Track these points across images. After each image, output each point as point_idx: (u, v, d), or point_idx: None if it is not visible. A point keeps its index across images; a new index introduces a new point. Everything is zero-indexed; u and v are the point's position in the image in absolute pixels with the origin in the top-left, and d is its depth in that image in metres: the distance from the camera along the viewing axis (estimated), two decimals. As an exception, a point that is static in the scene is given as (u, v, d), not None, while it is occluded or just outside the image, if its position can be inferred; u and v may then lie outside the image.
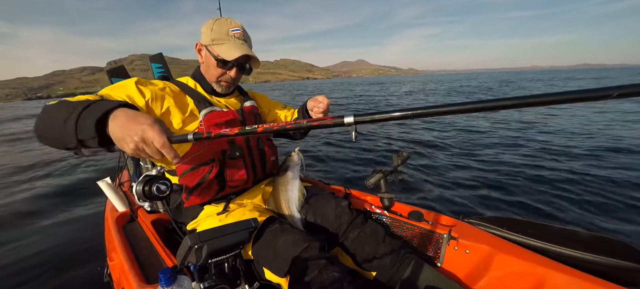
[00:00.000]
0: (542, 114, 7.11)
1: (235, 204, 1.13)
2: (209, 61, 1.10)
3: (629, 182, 2.98)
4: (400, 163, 1.23)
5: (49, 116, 0.73)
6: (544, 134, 5.13)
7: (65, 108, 0.71)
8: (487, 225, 1.19)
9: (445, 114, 0.48)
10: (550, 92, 0.42)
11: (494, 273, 1.03)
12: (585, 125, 5.77)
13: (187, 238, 0.69)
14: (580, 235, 1.00)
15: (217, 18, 1.11)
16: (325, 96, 1.21)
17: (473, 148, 4.44)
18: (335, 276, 0.84)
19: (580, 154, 3.97)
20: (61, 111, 0.71)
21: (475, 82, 24.93)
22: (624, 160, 3.65)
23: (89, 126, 0.67)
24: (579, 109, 7.37)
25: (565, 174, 3.25)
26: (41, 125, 0.74)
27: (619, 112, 7.03)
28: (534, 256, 0.99)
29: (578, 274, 0.88)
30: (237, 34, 1.06)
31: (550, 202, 2.68)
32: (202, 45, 1.10)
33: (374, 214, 1.38)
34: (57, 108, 0.73)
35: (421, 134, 5.70)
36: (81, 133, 0.68)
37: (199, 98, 1.10)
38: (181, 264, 0.73)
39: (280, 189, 1.17)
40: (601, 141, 4.57)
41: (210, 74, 1.13)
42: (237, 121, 1.15)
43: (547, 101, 0.42)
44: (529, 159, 3.87)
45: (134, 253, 1.15)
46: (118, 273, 1.15)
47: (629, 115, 6.66)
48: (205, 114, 1.06)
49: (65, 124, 0.69)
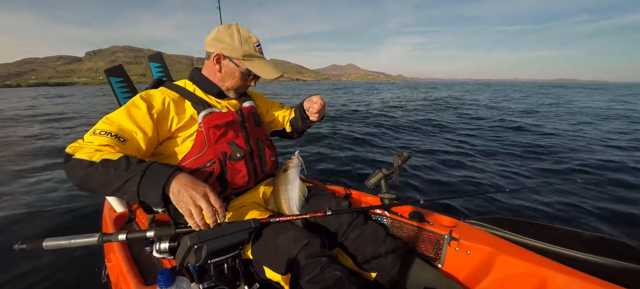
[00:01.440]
0: (543, 112, 7.12)
1: (236, 204, 1.12)
2: (232, 72, 1.13)
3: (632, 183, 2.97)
4: (401, 163, 1.23)
5: (99, 177, 0.78)
6: (545, 133, 5.13)
7: (116, 172, 0.77)
8: (489, 226, 1.19)
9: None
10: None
11: (495, 274, 1.02)
12: (588, 124, 5.79)
13: (187, 238, 0.68)
14: (583, 236, 1.00)
15: (230, 26, 1.11)
16: (320, 96, 1.21)
17: (474, 148, 4.44)
18: (337, 275, 0.84)
19: (582, 153, 3.97)
20: (113, 174, 0.77)
21: (463, 89, 24.83)
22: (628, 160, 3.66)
23: (155, 194, 0.76)
24: (581, 108, 7.39)
25: (567, 174, 3.25)
26: (90, 183, 0.79)
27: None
28: (535, 257, 0.99)
29: (580, 275, 0.88)
30: (259, 49, 1.13)
31: (552, 203, 2.67)
32: (225, 56, 1.10)
33: (374, 215, 1.38)
34: (106, 172, 0.78)
35: (421, 134, 5.70)
36: (145, 197, 0.78)
37: (197, 100, 1.10)
38: (180, 264, 0.73)
39: (281, 189, 1.16)
40: (604, 140, 4.57)
41: (229, 83, 1.15)
42: (237, 122, 1.14)
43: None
44: (531, 159, 3.87)
45: (133, 254, 1.14)
46: (116, 274, 1.14)
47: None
48: (204, 116, 1.06)
49: (125, 186, 0.77)
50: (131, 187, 0.77)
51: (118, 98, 1.70)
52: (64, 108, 14.13)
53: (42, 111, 12.78)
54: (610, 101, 15.48)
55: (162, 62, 1.85)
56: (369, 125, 6.89)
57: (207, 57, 1.15)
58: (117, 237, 0.79)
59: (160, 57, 1.86)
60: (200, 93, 1.14)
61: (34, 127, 8.11)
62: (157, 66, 1.83)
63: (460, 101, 14.75)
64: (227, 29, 1.10)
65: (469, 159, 3.95)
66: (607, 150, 4.52)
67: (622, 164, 3.73)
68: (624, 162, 3.78)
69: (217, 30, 1.11)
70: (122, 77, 1.72)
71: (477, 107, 11.83)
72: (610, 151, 4.47)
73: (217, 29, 1.12)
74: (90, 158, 0.79)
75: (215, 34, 1.11)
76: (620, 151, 4.49)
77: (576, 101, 15.60)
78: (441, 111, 10.16)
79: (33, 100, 21.99)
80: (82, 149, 0.83)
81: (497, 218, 1.19)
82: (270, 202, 1.17)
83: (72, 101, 20.50)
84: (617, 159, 3.98)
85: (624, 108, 11.20)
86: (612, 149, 4.59)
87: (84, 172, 0.79)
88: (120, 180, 0.77)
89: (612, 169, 3.55)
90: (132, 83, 1.75)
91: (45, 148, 5.67)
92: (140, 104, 0.97)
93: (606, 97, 19.06)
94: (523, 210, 2.61)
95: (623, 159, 3.93)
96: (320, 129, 6.53)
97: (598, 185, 3.03)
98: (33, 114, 11.55)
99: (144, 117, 0.95)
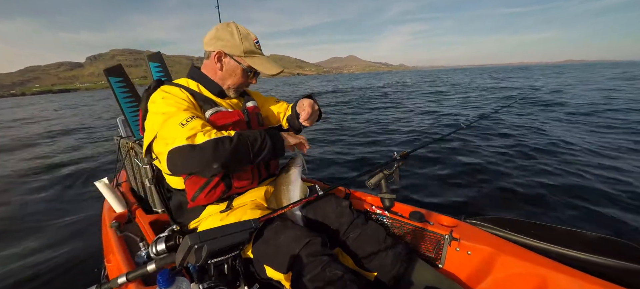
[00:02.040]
0: (544, 112, 7.12)
1: (238, 203, 1.12)
2: (233, 70, 1.13)
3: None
4: (401, 163, 1.22)
5: (241, 147, 0.95)
6: (548, 133, 5.09)
7: (252, 142, 0.98)
8: (490, 226, 1.18)
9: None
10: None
11: (496, 275, 1.02)
12: (593, 123, 5.75)
13: (187, 238, 0.67)
14: (585, 236, 0.99)
15: (229, 24, 1.11)
16: (310, 102, 1.22)
17: (475, 147, 4.42)
18: (338, 274, 0.84)
19: (587, 152, 3.94)
20: (251, 144, 0.97)
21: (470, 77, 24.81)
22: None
23: (280, 147, 1.06)
24: (584, 111, 7.38)
25: (570, 174, 3.22)
26: (237, 151, 0.94)
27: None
28: (537, 257, 0.98)
29: (582, 275, 0.88)
30: (258, 45, 1.15)
31: (554, 203, 2.65)
32: (226, 54, 1.11)
33: (374, 215, 1.37)
34: (243, 143, 0.96)
35: (422, 135, 5.70)
36: (279, 153, 1.07)
37: (203, 99, 1.10)
38: (180, 264, 0.72)
39: (282, 189, 1.16)
40: (609, 140, 4.53)
41: (230, 81, 1.15)
42: (242, 122, 1.14)
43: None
44: (533, 157, 3.82)
45: (132, 254, 1.14)
46: (115, 274, 1.13)
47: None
48: (211, 115, 1.06)
49: (263, 150, 1.00)
50: (266, 149, 1.00)
51: (117, 98, 1.69)
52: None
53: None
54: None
55: (161, 61, 1.84)
56: (368, 124, 6.89)
57: (207, 56, 1.15)
58: (116, 282, 0.79)
59: (159, 57, 1.85)
60: (205, 91, 1.14)
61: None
62: (156, 66, 1.83)
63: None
64: (226, 27, 1.10)
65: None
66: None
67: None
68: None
69: (216, 29, 1.12)
70: (121, 76, 1.71)
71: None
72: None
73: (215, 27, 1.12)
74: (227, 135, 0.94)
75: (215, 32, 1.11)
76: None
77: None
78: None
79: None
80: (200, 135, 0.91)
81: (498, 218, 1.19)
82: (272, 202, 1.17)
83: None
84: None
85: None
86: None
87: (228, 148, 0.91)
88: (256, 147, 0.97)
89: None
90: (131, 83, 1.74)
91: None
92: (183, 101, 1.02)
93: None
94: (526, 210, 2.58)
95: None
96: (320, 128, 6.53)
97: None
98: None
99: (190, 104, 1.03)
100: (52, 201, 3.45)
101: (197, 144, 0.89)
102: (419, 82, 26.32)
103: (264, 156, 1.00)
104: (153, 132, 0.99)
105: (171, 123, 0.94)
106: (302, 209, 1.18)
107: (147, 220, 1.35)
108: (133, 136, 1.76)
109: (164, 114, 0.96)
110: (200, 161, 0.89)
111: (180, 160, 0.91)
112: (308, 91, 4.16)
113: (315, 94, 13.59)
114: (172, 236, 0.95)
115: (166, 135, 0.93)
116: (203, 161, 0.90)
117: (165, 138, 0.93)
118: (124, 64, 1.97)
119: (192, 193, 1.06)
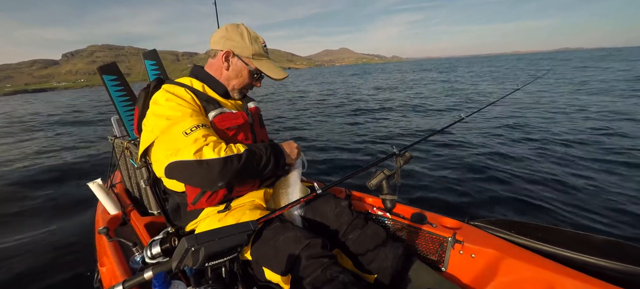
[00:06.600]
0: (546, 113, 7.10)
1: (236, 203, 1.09)
2: (240, 71, 1.12)
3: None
4: (403, 164, 1.20)
5: (248, 166, 0.96)
6: (550, 132, 5.02)
7: (258, 161, 1.00)
8: (494, 228, 1.16)
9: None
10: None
11: (501, 279, 1.00)
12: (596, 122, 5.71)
13: (184, 240, 0.65)
14: (593, 239, 0.97)
15: (239, 25, 1.12)
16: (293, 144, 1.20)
17: (477, 147, 4.38)
18: (339, 277, 0.82)
19: (592, 151, 3.89)
20: (256, 163, 0.99)
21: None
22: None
23: (282, 165, 1.11)
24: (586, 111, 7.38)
25: (575, 175, 3.18)
26: (244, 170, 0.95)
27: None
28: (543, 261, 0.96)
29: (590, 280, 0.86)
30: (266, 49, 1.16)
31: (561, 204, 2.59)
32: (234, 54, 1.10)
33: (375, 216, 1.35)
34: (250, 162, 0.97)
35: (423, 134, 5.67)
36: (279, 170, 1.13)
37: (207, 99, 1.07)
38: (176, 267, 0.69)
39: (281, 191, 1.14)
40: (615, 139, 4.46)
41: (235, 82, 1.14)
42: (247, 124, 1.13)
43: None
44: (539, 158, 3.76)
45: (126, 258, 1.10)
46: (109, 278, 1.10)
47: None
48: (215, 116, 1.04)
49: (267, 168, 1.02)
50: (271, 167, 1.03)
51: (112, 96, 1.66)
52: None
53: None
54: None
55: (157, 59, 1.81)
56: (368, 123, 6.87)
57: (213, 55, 1.14)
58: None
59: (155, 55, 1.82)
60: (210, 92, 1.12)
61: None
62: (152, 64, 1.80)
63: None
64: (236, 28, 1.11)
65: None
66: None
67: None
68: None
69: (225, 28, 1.11)
70: (116, 74, 1.68)
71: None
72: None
73: (225, 27, 1.12)
74: (237, 152, 0.94)
75: (224, 32, 1.10)
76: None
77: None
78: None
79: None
80: (207, 150, 0.89)
81: (503, 220, 1.17)
82: (271, 203, 1.16)
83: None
84: None
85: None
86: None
87: (237, 165, 0.92)
88: (262, 164, 1.00)
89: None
90: (126, 81, 1.71)
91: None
92: (188, 105, 0.99)
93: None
94: (532, 212, 2.53)
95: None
96: (320, 128, 6.50)
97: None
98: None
99: (196, 109, 1.00)
100: (42, 202, 3.38)
101: (205, 160, 0.87)
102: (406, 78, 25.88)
103: (266, 174, 1.04)
104: (153, 136, 0.95)
105: (175, 131, 0.91)
106: (301, 209, 1.16)
107: (142, 222, 1.31)
108: (128, 135, 1.73)
109: (168, 120, 0.93)
110: (205, 178, 0.89)
111: (183, 175, 0.89)
112: (299, 87, 3.95)
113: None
114: (168, 238, 0.92)
115: (169, 143, 0.91)
116: (208, 179, 0.89)
117: (168, 147, 0.90)
118: (102, 60, 1.94)
119: (193, 197, 1.03)
